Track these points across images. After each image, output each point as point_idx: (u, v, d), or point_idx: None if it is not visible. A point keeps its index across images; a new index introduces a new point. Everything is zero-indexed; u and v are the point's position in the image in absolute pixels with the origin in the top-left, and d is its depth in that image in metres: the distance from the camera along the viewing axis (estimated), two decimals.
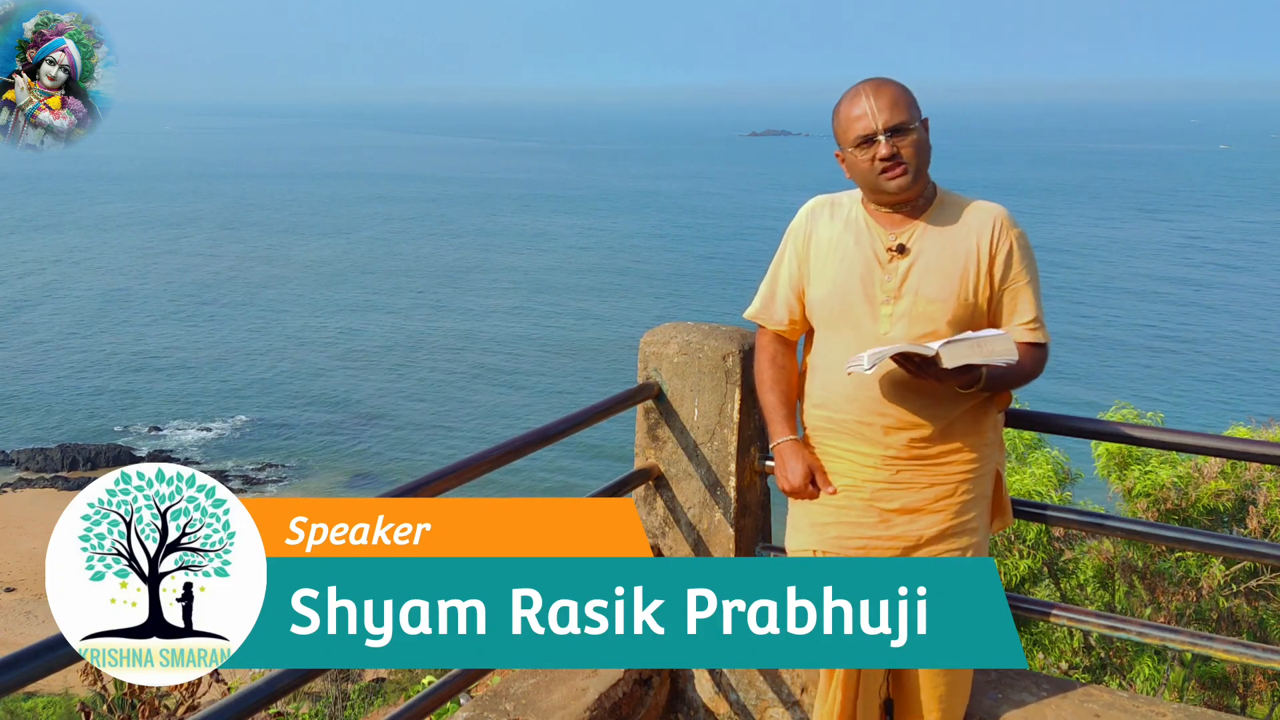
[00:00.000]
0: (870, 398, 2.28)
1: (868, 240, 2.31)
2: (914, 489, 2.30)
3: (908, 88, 2.26)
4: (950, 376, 2.17)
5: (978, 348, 2.12)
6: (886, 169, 2.21)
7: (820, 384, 2.38)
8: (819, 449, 2.40)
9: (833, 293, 2.33)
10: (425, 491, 2.16)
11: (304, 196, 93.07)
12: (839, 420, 2.34)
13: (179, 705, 4.10)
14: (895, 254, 2.28)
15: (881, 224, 2.31)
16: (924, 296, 2.25)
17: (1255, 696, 6.18)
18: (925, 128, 2.26)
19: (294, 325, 45.73)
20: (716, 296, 50.59)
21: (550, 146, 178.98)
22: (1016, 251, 2.28)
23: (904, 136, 2.21)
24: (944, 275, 2.25)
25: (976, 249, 2.26)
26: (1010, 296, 2.29)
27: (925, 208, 2.30)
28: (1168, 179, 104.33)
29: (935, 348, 2.12)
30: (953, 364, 2.11)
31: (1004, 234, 2.27)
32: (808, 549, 2.39)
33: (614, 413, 2.76)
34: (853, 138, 2.24)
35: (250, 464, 30.40)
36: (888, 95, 2.22)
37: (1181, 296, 49.40)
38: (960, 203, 2.33)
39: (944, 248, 2.27)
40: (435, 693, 2.28)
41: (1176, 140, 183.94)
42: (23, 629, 19.94)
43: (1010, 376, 2.27)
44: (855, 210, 2.36)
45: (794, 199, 16.03)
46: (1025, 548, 5.88)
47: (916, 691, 2.42)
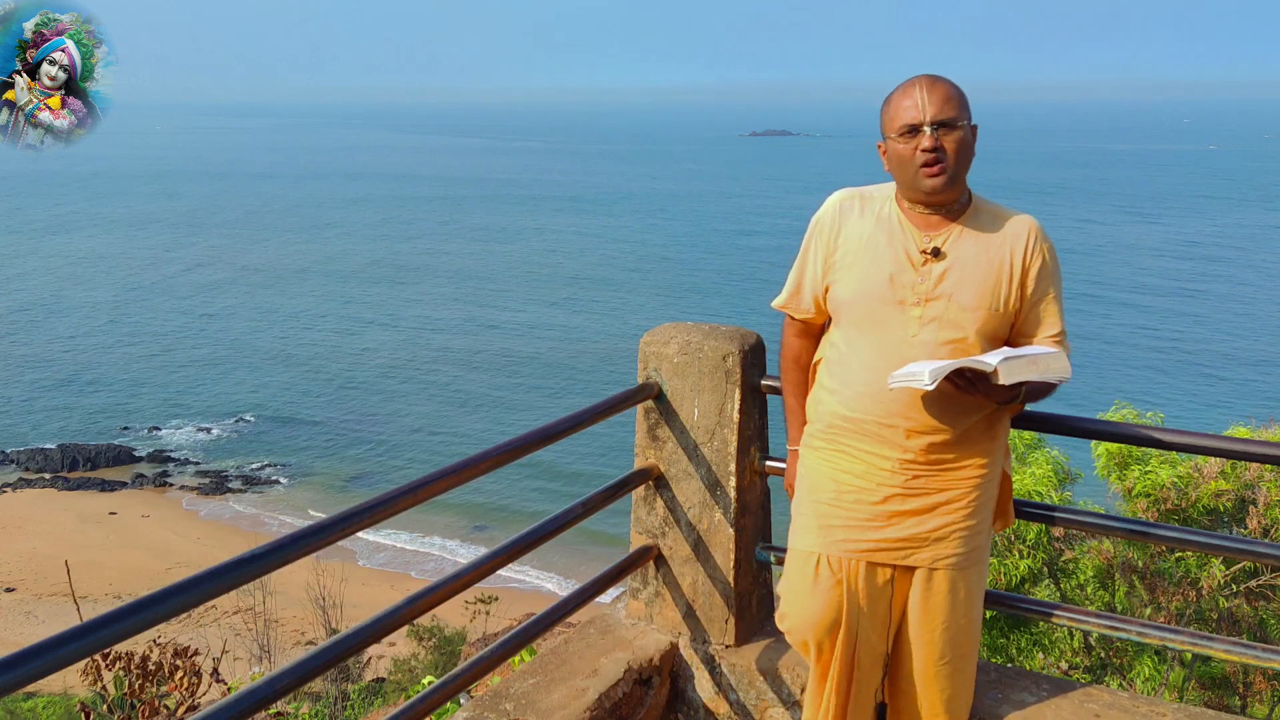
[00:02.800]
0: (894, 399, 2.26)
1: (900, 240, 2.28)
2: (926, 494, 2.29)
3: (962, 90, 2.24)
4: (999, 394, 2.15)
5: (1034, 365, 2.10)
6: (927, 163, 2.19)
7: (841, 381, 2.36)
8: (834, 447, 2.38)
9: (860, 291, 2.30)
10: (425, 492, 2.15)
11: (304, 196, 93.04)
12: (859, 421, 2.31)
13: (179, 705, 4.09)
14: (930, 257, 2.25)
15: (915, 224, 2.28)
16: (957, 303, 2.23)
17: (1255, 696, 6.18)
18: (973, 132, 2.24)
19: (294, 325, 45.72)
20: (716, 296, 50.59)
21: (550, 146, 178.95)
22: (1048, 265, 2.28)
23: (950, 132, 2.19)
24: (978, 283, 2.23)
25: (1010, 259, 2.25)
26: (1038, 309, 2.28)
27: (961, 212, 2.28)
28: (1154, 179, 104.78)
29: (994, 364, 2.08)
30: (1010, 380, 2.08)
31: (1037, 246, 2.26)
32: (812, 552, 2.38)
33: (614, 413, 2.76)
34: (899, 125, 2.22)
35: (250, 464, 30.39)
36: (941, 90, 2.21)
37: (1180, 296, 49.37)
38: (995, 211, 2.31)
39: (979, 255, 2.25)
40: (435, 693, 2.28)
41: (1168, 140, 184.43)
42: (23, 629, 19.93)
43: (1038, 393, 2.27)
44: (889, 207, 2.33)
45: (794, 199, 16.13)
46: (1025, 548, 5.88)
47: (918, 698, 2.40)
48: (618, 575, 2.94)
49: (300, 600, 15.13)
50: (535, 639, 2.62)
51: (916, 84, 2.23)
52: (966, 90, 2.25)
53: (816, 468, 2.42)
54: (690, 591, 2.96)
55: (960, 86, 2.24)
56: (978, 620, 2.40)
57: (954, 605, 2.33)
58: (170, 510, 27.34)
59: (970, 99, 2.26)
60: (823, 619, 2.35)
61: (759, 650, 2.92)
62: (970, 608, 2.36)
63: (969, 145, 2.23)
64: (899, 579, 2.35)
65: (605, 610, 3.17)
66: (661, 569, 3.00)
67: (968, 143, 2.22)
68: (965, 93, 2.24)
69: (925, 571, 2.32)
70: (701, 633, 2.95)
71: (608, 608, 3.19)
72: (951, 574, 2.31)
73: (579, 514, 2.73)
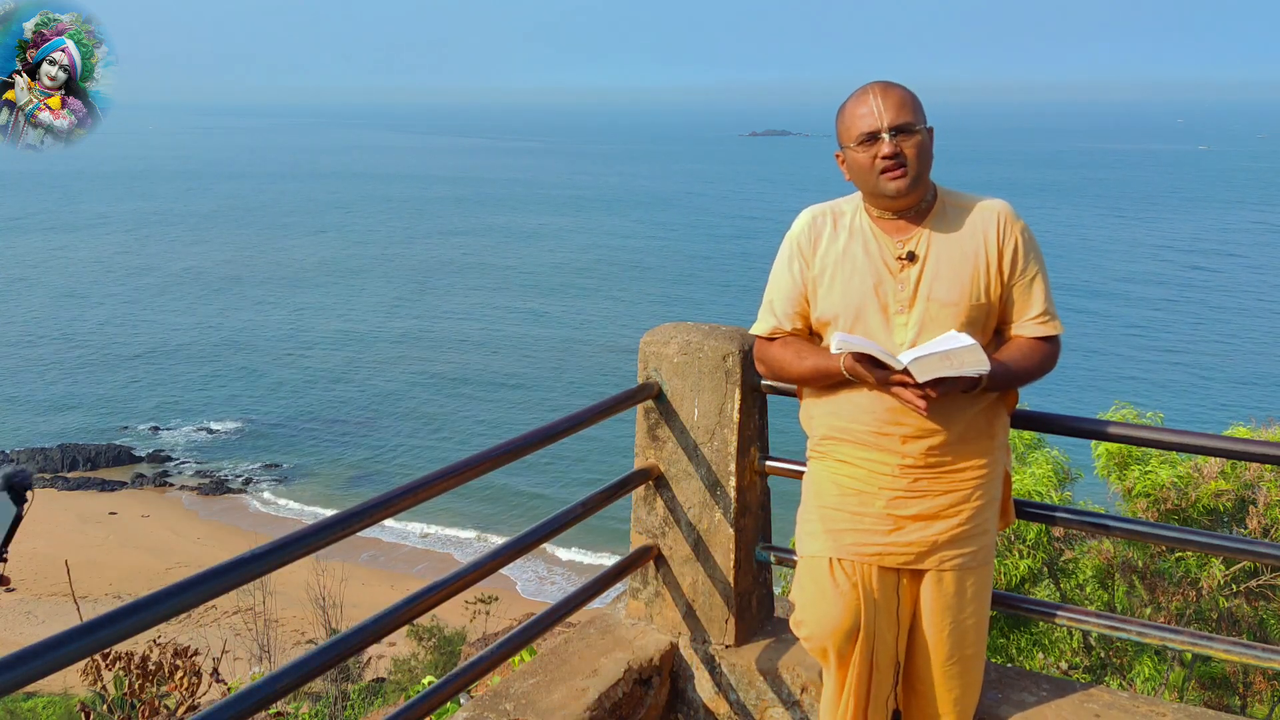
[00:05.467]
0: (886, 408, 2.26)
1: (876, 250, 2.29)
2: (930, 496, 2.29)
3: (915, 94, 2.25)
4: (964, 382, 2.15)
5: (947, 361, 2.10)
6: (887, 169, 2.20)
7: (831, 395, 2.36)
8: (834, 457, 2.38)
9: (845, 304, 2.30)
10: (426, 492, 2.15)
11: (304, 197, 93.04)
12: (854, 431, 2.32)
13: (179, 705, 4.09)
14: (905, 262, 2.26)
15: (886, 231, 2.29)
16: (937, 302, 2.24)
17: (1255, 696, 6.18)
18: (930, 135, 2.26)
19: (294, 325, 45.70)
20: (716, 296, 50.59)
21: (550, 146, 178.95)
22: (1022, 246, 2.28)
23: (908, 137, 2.20)
24: (955, 279, 2.24)
25: (984, 248, 2.26)
26: (1020, 291, 2.29)
27: (927, 212, 2.29)
28: (1152, 179, 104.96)
29: (905, 362, 2.11)
30: (923, 378, 2.10)
31: (1009, 230, 2.27)
32: (823, 556, 2.37)
33: (614, 413, 2.76)
34: (856, 134, 2.23)
35: (250, 464, 30.39)
36: (895, 96, 2.22)
37: (1180, 296, 49.37)
38: (962, 202, 2.32)
39: (952, 251, 2.26)
40: (435, 693, 2.28)
41: (1161, 140, 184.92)
42: (23, 629, 19.94)
43: (1024, 373, 2.27)
44: (859, 218, 2.34)
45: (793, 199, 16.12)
46: (1025, 548, 5.88)
47: (930, 700, 2.40)
48: (618, 575, 2.94)
49: (300, 600, 15.13)
50: (535, 639, 2.62)
51: (869, 91, 2.24)
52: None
53: (818, 474, 2.42)
54: (690, 591, 2.96)
55: (912, 90, 2.26)
56: (985, 620, 2.40)
57: (962, 606, 2.33)
58: (170, 510, 27.34)
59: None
60: (841, 624, 2.33)
61: (759, 650, 2.92)
62: (978, 608, 2.36)
63: (927, 148, 2.24)
64: (909, 582, 2.35)
65: (605, 610, 3.17)
66: (661, 569, 3.00)
67: (926, 146, 2.24)
68: (918, 96, 2.26)
69: (935, 573, 2.32)
70: (701, 633, 2.95)
71: (608, 608, 3.19)
72: (960, 575, 2.31)
73: (579, 514, 2.73)
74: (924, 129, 2.23)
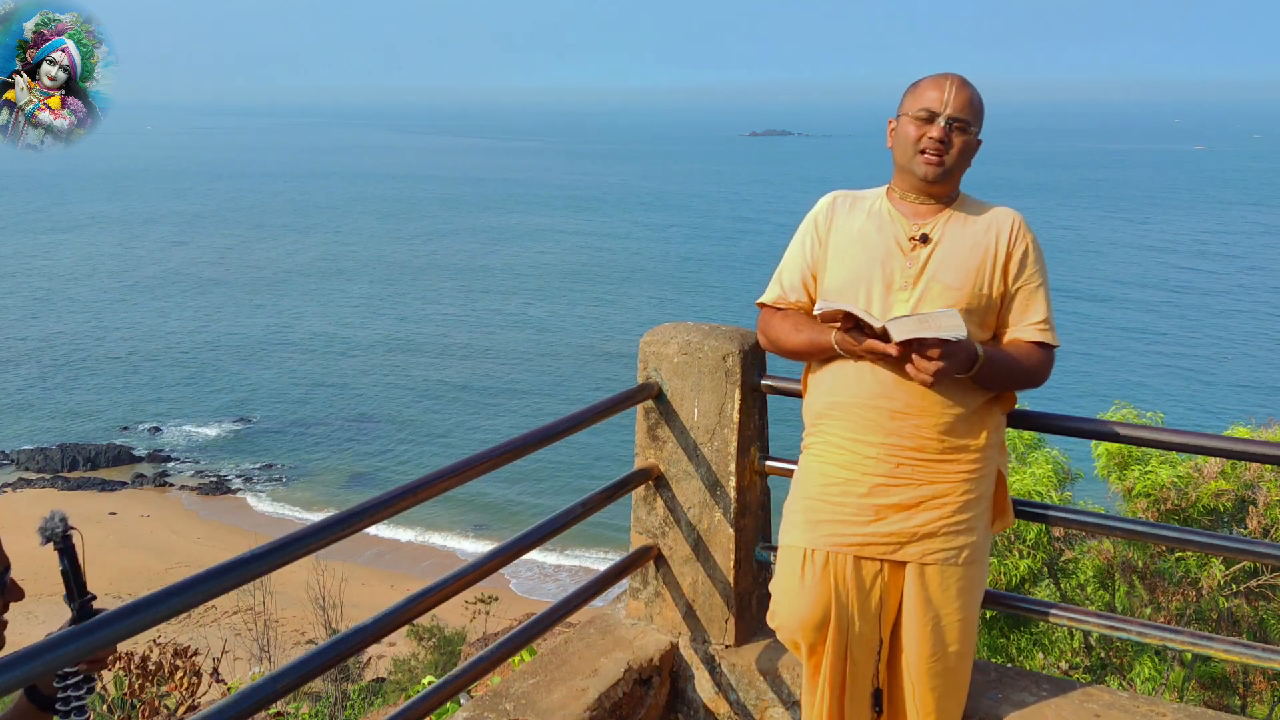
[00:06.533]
0: (878, 381, 2.31)
1: (890, 229, 2.37)
2: (912, 485, 2.30)
3: (984, 105, 2.37)
4: (955, 364, 2.19)
5: (924, 323, 2.17)
6: (929, 149, 2.30)
7: (828, 370, 2.41)
8: (821, 438, 2.41)
9: (850, 277, 2.36)
10: (426, 492, 2.15)
11: (304, 196, 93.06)
12: (844, 405, 2.35)
13: (179, 705, 4.10)
14: (918, 242, 2.34)
15: (905, 213, 2.38)
16: (940, 282, 2.30)
17: (1255, 696, 6.17)
18: (978, 144, 2.38)
19: (294, 325, 45.70)
20: (716, 296, 50.59)
21: (550, 147, 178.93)
22: (1031, 253, 2.36)
23: (961, 133, 2.32)
24: (962, 265, 2.32)
25: (995, 244, 2.34)
26: (1023, 296, 2.36)
27: (949, 204, 2.39)
28: (1150, 179, 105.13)
29: (883, 322, 2.18)
30: (900, 337, 2.17)
31: (1020, 235, 2.36)
32: (800, 547, 2.40)
33: (614, 413, 2.76)
34: (917, 108, 2.33)
35: (250, 464, 30.38)
36: (966, 93, 2.33)
37: (1180, 296, 49.38)
38: (979, 204, 2.43)
39: (964, 240, 2.34)
40: (435, 693, 2.28)
41: (1159, 140, 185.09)
42: (23, 629, 19.85)
43: (1016, 370, 2.31)
44: (880, 203, 2.43)
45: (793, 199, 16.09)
46: (1025, 548, 5.88)
47: (911, 697, 2.40)
48: (618, 575, 2.94)
49: (300, 600, 15.13)
50: (535, 639, 2.62)
51: (948, 79, 2.35)
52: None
53: (806, 465, 2.46)
54: (690, 591, 2.96)
55: (983, 101, 2.37)
56: (972, 620, 2.39)
57: (945, 602, 2.33)
58: (170, 510, 27.33)
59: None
60: (810, 617, 2.36)
61: (759, 650, 2.92)
62: (963, 607, 2.35)
63: (971, 151, 2.36)
64: (891, 574, 2.36)
65: (605, 610, 3.17)
66: (661, 569, 3.00)
67: (971, 148, 2.36)
68: (984, 109, 2.37)
69: (916, 567, 2.33)
70: (701, 633, 2.95)
71: (608, 608, 3.19)
72: (942, 570, 2.32)
73: (579, 514, 2.73)
74: (976, 134, 2.36)
